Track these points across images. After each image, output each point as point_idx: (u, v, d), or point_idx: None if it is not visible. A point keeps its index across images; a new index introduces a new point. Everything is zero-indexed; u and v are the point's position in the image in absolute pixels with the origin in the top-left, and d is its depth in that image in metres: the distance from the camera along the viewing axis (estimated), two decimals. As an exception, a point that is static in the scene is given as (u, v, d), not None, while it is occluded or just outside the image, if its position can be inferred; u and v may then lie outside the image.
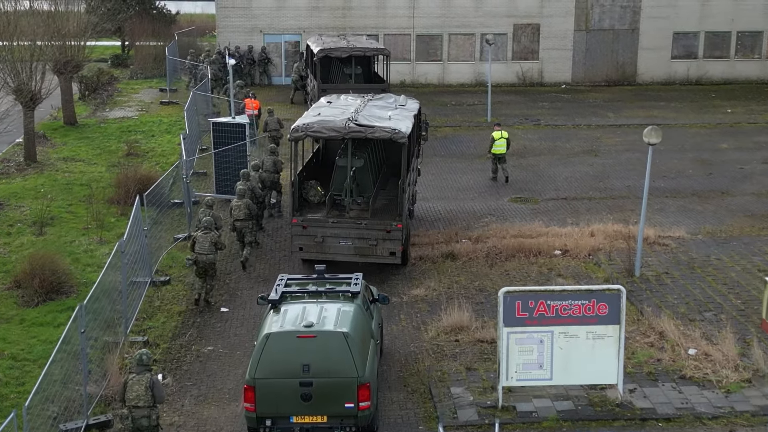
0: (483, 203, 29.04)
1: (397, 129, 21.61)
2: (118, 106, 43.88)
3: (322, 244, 21.67)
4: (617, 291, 16.16)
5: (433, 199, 29.38)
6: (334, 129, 21.63)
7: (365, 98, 25.91)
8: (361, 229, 21.55)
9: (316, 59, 35.45)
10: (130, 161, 33.08)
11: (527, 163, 33.80)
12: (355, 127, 21.58)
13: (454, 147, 36.55)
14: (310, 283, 16.68)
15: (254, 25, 49.12)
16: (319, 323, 14.93)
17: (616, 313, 16.09)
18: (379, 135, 21.54)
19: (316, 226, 21.70)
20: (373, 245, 21.56)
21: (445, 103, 45.27)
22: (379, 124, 21.89)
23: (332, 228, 21.68)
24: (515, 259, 23.68)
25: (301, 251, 22.14)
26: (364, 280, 17.10)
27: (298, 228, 21.80)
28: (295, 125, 22.24)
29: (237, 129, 28.35)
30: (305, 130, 21.80)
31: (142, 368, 14.34)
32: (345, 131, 21.55)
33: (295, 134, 21.91)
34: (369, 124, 21.78)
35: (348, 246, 21.67)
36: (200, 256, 20.73)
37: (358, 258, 21.77)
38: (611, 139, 37.71)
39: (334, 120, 22.05)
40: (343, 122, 21.77)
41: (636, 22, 50.07)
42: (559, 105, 45.11)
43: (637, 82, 50.75)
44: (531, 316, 16.02)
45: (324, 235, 21.66)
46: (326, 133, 21.77)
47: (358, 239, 21.56)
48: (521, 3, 49.51)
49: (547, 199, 29.51)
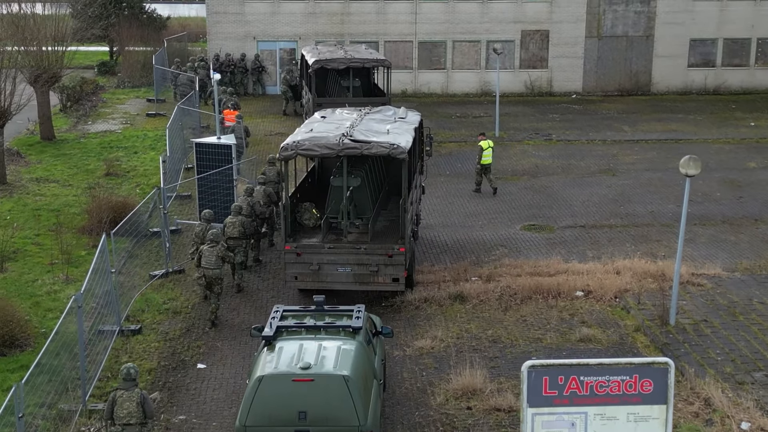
0: (493, 232, 26.40)
1: (396, 144, 19.77)
2: (102, 119, 41.22)
3: (318, 272, 19.92)
4: (665, 365, 13.46)
5: (438, 227, 26.74)
6: (327, 146, 19.77)
7: (363, 111, 24.00)
8: (361, 255, 19.84)
9: (311, 71, 32.80)
10: (108, 182, 30.46)
11: (540, 185, 31.13)
12: (349, 143, 19.73)
13: (460, 165, 33.89)
14: (307, 316, 15.22)
15: (247, 31, 46.48)
16: (318, 364, 13.57)
17: (663, 391, 13.36)
18: (376, 151, 19.71)
19: (311, 253, 19.91)
20: (373, 272, 19.85)
21: (450, 116, 42.63)
22: (376, 139, 20.09)
23: (329, 254, 19.90)
24: (532, 301, 21.03)
25: (295, 281, 20.29)
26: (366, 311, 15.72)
27: (292, 255, 19.96)
28: (285, 143, 20.26)
29: (223, 150, 25.69)
30: (296, 148, 19.93)
31: (129, 383, 13.80)
32: (339, 148, 19.70)
33: (285, 153, 19.96)
34: (365, 139, 19.96)
35: (346, 273, 19.94)
36: (207, 270, 19.67)
37: (358, 286, 20.14)
38: (629, 156, 35.03)
39: (327, 136, 20.18)
40: (336, 138, 19.90)
41: (651, 28, 47.42)
42: (570, 117, 42.45)
43: (651, 91, 48.12)
44: (561, 395, 13.27)
45: (320, 263, 19.88)
46: (318, 150, 19.90)
47: (357, 265, 19.84)
48: (529, 8, 46.87)
49: (563, 227, 26.86)
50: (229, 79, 46.21)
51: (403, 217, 20.06)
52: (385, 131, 21.00)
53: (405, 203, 20.05)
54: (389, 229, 21.28)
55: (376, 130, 21.10)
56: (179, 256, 24.07)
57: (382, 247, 19.96)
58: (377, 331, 16.30)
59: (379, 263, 19.79)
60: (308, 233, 20.92)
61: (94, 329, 19.22)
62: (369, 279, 19.92)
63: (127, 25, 52.31)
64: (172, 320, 20.27)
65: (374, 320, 16.64)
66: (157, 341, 19.29)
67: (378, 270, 19.80)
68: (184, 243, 25.23)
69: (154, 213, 25.49)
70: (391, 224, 21.54)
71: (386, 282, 20.01)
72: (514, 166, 33.51)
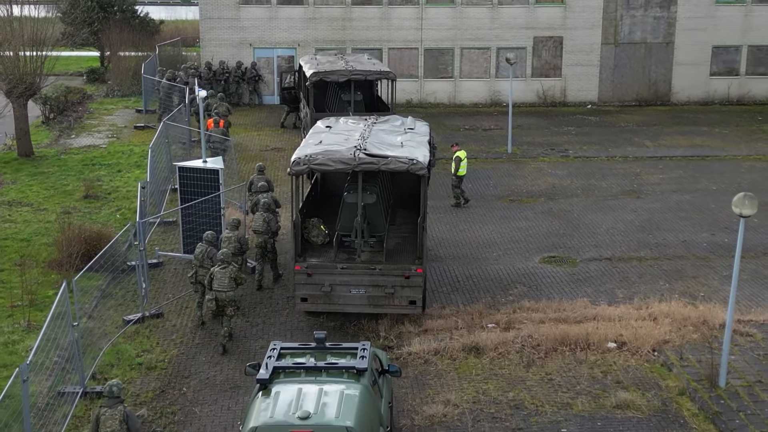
0: (509, 265, 23.74)
1: (415, 159, 18.76)
2: (87, 131, 38.57)
3: (330, 294, 18.93)
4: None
5: (448, 260, 24.09)
6: (342, 161, 18.65)
7: (369, 121, 22.80)
8: (376, 276, 18.84)
9: (309, 84, 30.16)
10: (86, 206, 27.85)
11: (559, 209, 28.45)
12: (366, 158, 18.63)
13: (470, 185, 31.18)
14: (307, 354, 13.92)
15: (243, 37, 43.83)
16: (318, 413, 12.48)
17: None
18: (394, 167, 18.63)
19: (323, 273, 18.91)
20: (389, 294, 18.86)
21: (458, 128, 39.96)
22: (393, 153, 19.03)
23: (342, 275, 18.86)
24: (558, 354, 18.38)
25: (305, 303, 19.21)
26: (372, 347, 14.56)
27: (302, 276, 18.93)
28: (296, 157, 19.06)
29: (209, 176, 23.07)
30: (308, 163, 18.80)
31: (113, 401, 13.44)
32: (355, 163, 18.57)
33: (297, 168, 18.85)
34: (382, 153, 18.87)
35: (360, 296, 18.94)
36: (219, 293, 18.66)
37: (372, 309, 19.18)
38: (653, 175, 32.33)
39: (341, 150, 19.10)
40: (351, 152, 18.83)
41: (671, 34, 44.72)
42: (586, 130, 39.77)
43: (671, 101, 45.42)
44: None
45: (332, 284, 18.89)
46: (333, 165, 18.73)
47: (372, 287, 18.87)
48: (542, 14, 44.19)
49: (587, 259, 24.19)
50: (224, 88, 43.63)
51: (421, 236, 18.97)
52: (399, 144, 19.95)
53: (424, 222, 19.03)
54: (402, 247, 20.10)
55: (389, 143, 20.02)
56: (159, 296, 21.46)
57: (398, 267, 18.88)
58: (384, 370, 15.02)
59: (396, 285, 18.78)
60: (317, 252, 19.72)
61: (54, 390, 16.68)
62: (384, 301, 18.91)
63: (118, 29, 49.63)
64: (145, 378, 17.64)
65: (380, 357, 15.29)
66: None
67: (394, 292, 18.81)
68: (165, 279, 22.63)
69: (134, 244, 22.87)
70: (402, 241, 20.42)
71: (402, 305, 18.98)
72: (530, 187, 30.85)
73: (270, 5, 43.50)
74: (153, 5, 78.41)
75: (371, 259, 19.21)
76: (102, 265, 21.07)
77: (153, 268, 23.23)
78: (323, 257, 19.37)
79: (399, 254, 19.65)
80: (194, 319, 20.14)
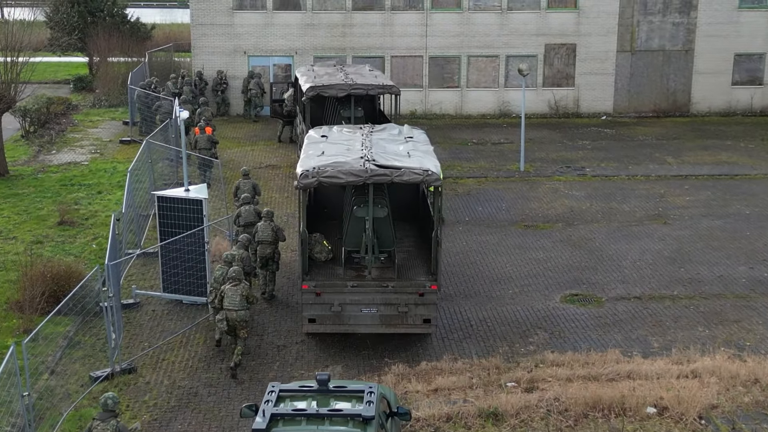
0: (527, 305, 21.26)
1: (428, 169, 18.01)
2: (69, 146, 36.04)
3: (340, 314, 18.18)
4: None
5: (458, 298, 21.60)
6: (353, 173, 17.73)
7: (366, 130, 21.85)
8: (388, 294, 18.14)
9: (305, 99, 27.62)
10: (59, 234, 25.38)
11: (578, 236, 25.94)
12: (377, 169, 17.78)
13: (480, 208, 28.71)
14: (308, 398, 12.84)
15: (237, 45, 41.31)
16: None
17: None
18: (408, 178, 17.82)
19: (333, 292, 18.16)
20: (403, 312, 18.17)
21: (465, 141, 37.45)
22: (406, 164, 18.22)
23: (352, 293, 18.12)
24: (589, 421, 15.87)
25: (313, 324, 18.35)
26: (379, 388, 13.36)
27: (310, 295, 18.16)
28: (304, 170, 18.12)
29: (192, 207, 20.56)
30: (317, 175, 17.87)
31: (107, 414, 13.26)
32: (366, 175, 17.68)
33: (306, 181, 17.91)
34: (395, 165, 18.08)
35: (372, 315, 18.23)
36: (230, 312, 17.79)
37: (385, 329, 18.40)
38: (679, 197, 29.80)
39: (349, 161, 18.23)
40: (361, 164, 18.03)
41: (690, 41, 42.18)
42: (602, 144, 37.25)
43: (690, 112, 42.88)
44: None
45: (342, 303, 18.14)
46: (343, 177, 17.79)
47: (384, 305, 18.16)
48: (554, 19, 41.66)
49: (613, 298, 21.68)
50: (222, 98, 41.17)
51: (435, 251, 18.30)
52: (405, 153, 19.21)
53: (438, 236, 18.23)
54: (412, 262, 19.26)
55: (394, 153, 19.29)
56: (133, 345, 18.98)
57: (412, 284, 18.22)
58: (392, 412, 13.81)
59: (409, 303, 18.10)
60: (322, 269, 18.87)
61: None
62: (397, 321, 18.19)
63: (106, 35, 47.08)
64: (109, 453, 15.11)
65: (388, 398, 13.98)
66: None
67: (408, 311, 18.12)
68: (141, 323, 20.16)
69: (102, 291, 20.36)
70: (409, 256, 19.59)
71: (417, 324, 18.29)
72: (546, 210, 28.32)
73: (266, 11, 41.01)
74: (149, 8, 76.04)
75: (382, 276, 18.40)
76: (71, 308, 18.74)
77: (128, 309, 20.77)
78: (331, 275, 18.52)
79: (411, 270, 18.84)
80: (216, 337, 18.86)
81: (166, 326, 19.97)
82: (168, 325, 20.05)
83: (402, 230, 20.89)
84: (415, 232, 21.34)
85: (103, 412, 13.31)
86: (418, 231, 21.33)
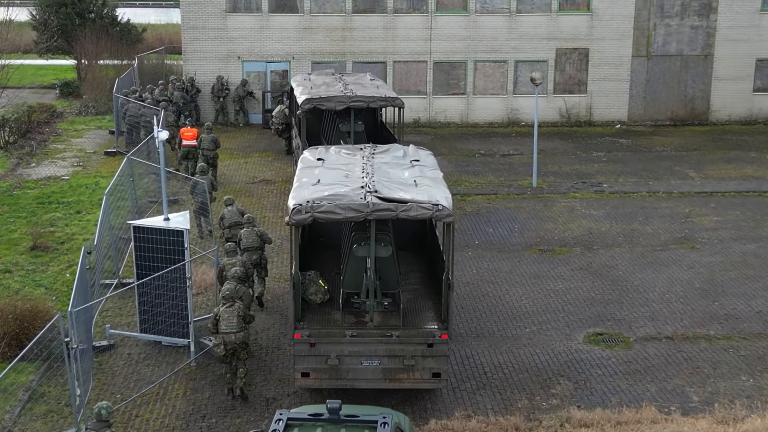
0: (547, 346, 19.06)
1: (439, 203, 15.88)
2: (50, 158, 33.79)
3: (338, 367, 16.13)
4: None
5: (469, 339, 19.41)
6: (353, 207, 15.62)
7: (367, 152, 19.64)
8: (393, 344, 16.04)
9: (301, 113, 25.37)
10: (31, 261, 23.19)
11: (599, 263, 23.70)
12: (380, 203, 15.70)
13: (491, 230, 26.48)
14: (318, 428, 11.96)
15: (230, 49, 39.03)
16: None
17: None
18: (416, 213, 15.72)
19: (329, 343, 16.03)
20: (409, 366, 16.04)
21: (472, 153, 35.22)
22: (410, 195, 16.14)
23: (351, 344, 16.03)
24: (626, 499, 13.66)
25: (306, 378, 16.20)
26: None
27: (304, 346, 15.98)
28: (296, 204, 15.91)
29: (172, 238, 18.33)
30: (311, 211, 15.72)
31: (101, 425, 12.96)
32: (368, 210, 15.54)
33: (299, 217, 15.71)
34: (399, 197, 15.95)
35: (374, 368, 16.15)
36: (228, 335, 16.53)
37: (388, 384, 16.33)
38: (705, 216, 27.55)
39: (348, 193, 16.13)
40: (361, 195, 15.92)
41: (710, 46, 39.91)
42: (618, 156, 34.99)
43: (710, 120, 40.60)
44: None
45: (340, 355, 16.07)
46: (341, 213, 15.67)
47: (387, 357, 16.09)
48: (566, 23, 39.40)
49: (642, 338, 19.47)
50: (221, 106, 38.94)
51: (446, 296, 16.19)
52: (411, 182, 17.14)
53: (450, 278, 16.19)
54: (419, 305, 17.15)
55: (399, 181, 17.20)
56: (104, 398, 16.73)
57: (420, 333, 16.11)
58: None
59: (416, 354, 16.00)
60: (317, 313, 16.72)
61: None
62: (402, 375, 16.12)
63: (94, 38, 44.81)
64: None
65: (403, 427, 13.01)
66: None
67: (415, 363, 16.00)
68: (114, 370, 18.00)
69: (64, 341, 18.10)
70: (415, 297, 17.45)
71: (425, 379, 16.17)
72: (562, 233, 26.09)
73: (261, 13, 38.75)
74: (145, 7, 73.91)
75: (385, 323, 16.35)
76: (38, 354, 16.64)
77: (101, 353, 18.56)
78: (327, 322, 16.43)
79: (417, 316, 16.76)
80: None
81: (143, 374, 17.77)
82: (144, 372, 17.85)
83: (406, 262, 18.80)
84: (421, 265, 19.17)
85: (97, 422, 13.05)
86: (424, 265, 19.16)
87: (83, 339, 17.89)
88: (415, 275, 18.55)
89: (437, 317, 16.49)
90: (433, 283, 17.73)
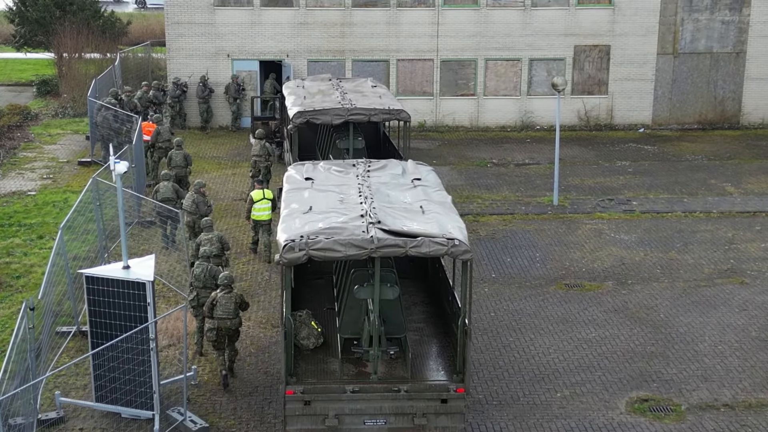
0: (583, 418, 15.94)
1: (455, 237, 13.76)
2: (17, 169, 30.57)
3: (337, 428, 14.25)
4: None
5: (489, 407, 16.31)
6: (354, 243, 13.45)
7: (361, 169, 17.29)
8: (401, 400, 14.14)
9: (292, 128, 22.13)
10: (-21, 302, 20.01)
11: (636, 303, 20.52)
12: (386, 238, 13.51)
13: (509, 259, 23.30)
14: None
15: (219, 47, 35.76)
16: None
17: None
18: (428, 250, 13.54)
19: (327, 400, 14.04)
20: (420, 425, 14.23)
21: (483, 162, 32.01)
22: (419, 226, 13.99)
23: (352, 401, 14.08)
24: None
25: None
26: None
27: (297, 404, 13.98)
28: (288, 239, 13.70)
29: (132, 292, 15.15)
30: (306, 248, 13.56)
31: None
32: (373, 247, 13.38)
33: (292, 255, 13.51)
34: (410, 231, 13.72)
35: (379, 429, 14.38)
36: (223, 321, 16.59)
37: None
38: (752, 242, 24.36)
39: (347, 226, 13.90)
40: (363, 229, 13.75)
41: (742, 42, 36.64)
42: (645, 165, 31.77)
43: (741, 124, 37.39)
44: None
45: (340, 414, 14.18)
46: (341, 251, 13.52)
47: (394, 416, 14.26)
48: (585, 17, 36.11)
49: (696, 406, 16.35)
50: (205, 108, 35.73)
51: (462, 345, 14.15)
52: (417, 208, 15.04)
53: (467, 325, 14.09)
54: (427, 350, 15.21)
55: (402, 206, 15.12)
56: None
57: (432, 387, 14.19)
58: None
59: (428, 412, 14.12)
60: (310, 363, 14.77)
61: None
62: None
63: (74, 32, 41.49)
64: None
65: None
66: None
67: (427, 422, 14.19)
68: (63, 450, 14.81)
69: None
70: (422, 339, 15.46)
71: None
72: (590, 263, 22.92)
73: (252, 7, 35.45)
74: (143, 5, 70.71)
75: (391, 375, 14.39)
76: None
77: (48, 428, 15.43)
78: (323, 374, 14.44)
79: (428, 364, 14.82)
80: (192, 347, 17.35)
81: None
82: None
83: (405, 292, 16.28)
84: (423, 296, 16.85)
85: None
86: (427, 295, 16.75)
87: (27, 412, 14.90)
88: (418, 309, 16.54)
89: (449, 365, 14.46)
90: (441, 321, 15.46)
